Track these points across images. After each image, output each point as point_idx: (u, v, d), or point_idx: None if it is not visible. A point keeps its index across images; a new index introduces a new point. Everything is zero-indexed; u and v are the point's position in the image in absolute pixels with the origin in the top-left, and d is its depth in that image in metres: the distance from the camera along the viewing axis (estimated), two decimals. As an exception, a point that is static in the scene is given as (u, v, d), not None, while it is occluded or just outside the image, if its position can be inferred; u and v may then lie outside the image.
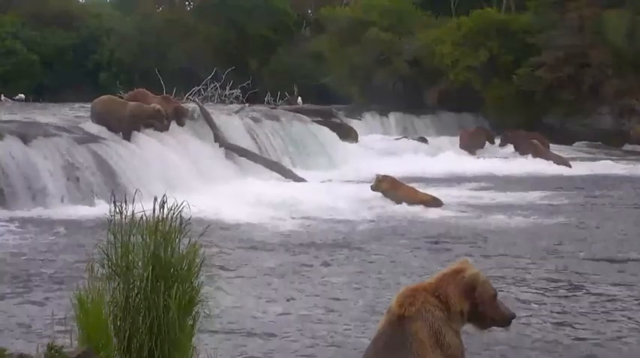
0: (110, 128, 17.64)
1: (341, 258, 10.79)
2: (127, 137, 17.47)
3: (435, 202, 15.41)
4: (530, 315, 7.94)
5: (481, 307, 4.37)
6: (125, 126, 17.51)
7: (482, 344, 6.71)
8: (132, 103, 18.20)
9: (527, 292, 8.90)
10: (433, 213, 14.69)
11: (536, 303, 8.43)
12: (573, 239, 12.27)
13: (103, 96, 18.99)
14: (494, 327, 4.60)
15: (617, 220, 14.36)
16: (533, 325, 7.63)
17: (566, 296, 8.77)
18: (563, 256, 10.89)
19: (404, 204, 15.33)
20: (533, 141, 27.10)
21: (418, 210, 14.89)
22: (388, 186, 15.98)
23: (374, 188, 16.25)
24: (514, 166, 24.64)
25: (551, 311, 8.17)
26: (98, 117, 17.94)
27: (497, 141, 30.70)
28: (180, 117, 19.41)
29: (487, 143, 30.53)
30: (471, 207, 15.39)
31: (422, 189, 16.67)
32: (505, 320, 4.51)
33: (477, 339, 5.77)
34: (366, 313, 7.94)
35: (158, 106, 18.09)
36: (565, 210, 15.41)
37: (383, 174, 16.43)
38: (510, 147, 29.17)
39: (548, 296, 8.76)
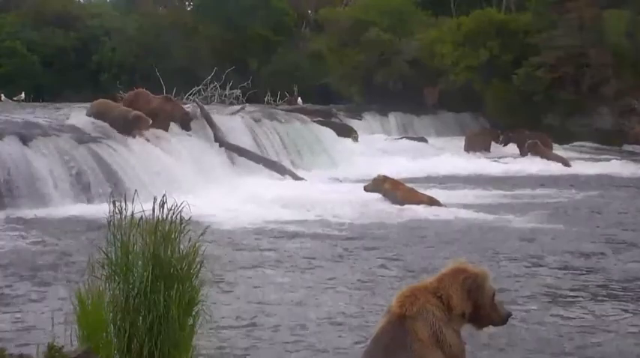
0: None
1: (343, 258, 10.79)
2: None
3: (433, 202, 15.39)
4: (527, 314, 7.94)
5: (482, 307, 4.38)
6: (115, 128, 17.58)
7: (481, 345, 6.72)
8: (121, 108, 18.16)
9: (523, 292, 8.89)
10: (431, 213, 14.67)
11: (532, 304, 8.42)
12: (573, 239, 12.26)
13: (100, 100, 19.34)
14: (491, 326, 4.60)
15: (617, 220, 14.37)
16: (528, 327, 7.63)
17: (565, 296, 8.77)
18: (561, 256, 10.88)
19: (403, 204, 15.30)
20: (534, 142, 27.09)
21: (417, 209, 14.87)
22: (388, 187, 15.96)
23: (370, 188, 16.15)
24: (514, 166, 24.66)
25: (551, 312, 8.17)
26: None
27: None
28: (186, 122, 19.45)
29: (492, 143, 30.53)
30: (469, 207, 15.36)
31: (422, 189, 16.67)
32: (503, 319, 4.52)
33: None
34: (365, 313, 7.94)
35: (139, 113, 17.86)
36: (565, 210, 15.42)
37: (382, 174, 16.40)
38: (512, 147, 29.19)
39: (545, 298, 8.75)
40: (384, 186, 15.98)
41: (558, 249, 11.42)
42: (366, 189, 16.23)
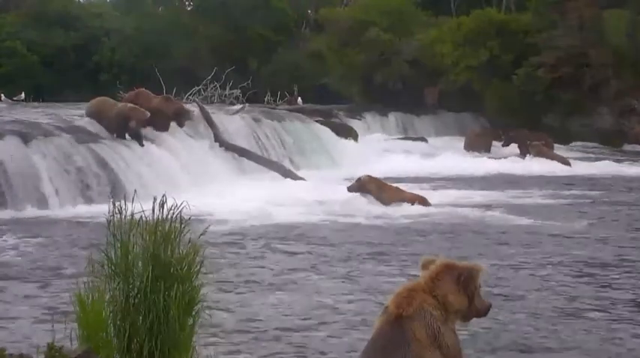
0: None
1: (343, 258, 10.79)
2: (119, 136, 17.54)
3: (422, 201, 15.33)
4: (528, 315, 7.95)
5: (474, 301, 4.38)
6: (113, 127, 17.59)
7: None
8: (120, 105, 18.21)
9: (523, 293, 8.89)
10: (421, 212, 14.63)
11: (533, 304, 8.42)
12: (571, 239, 12.26)
13: (99, 98, 19.33)
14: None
15: (617, 220, 14.38)
16: (529, 328, 7.63)
17: (567, 295, 8.77)
18: (562, 256, 10.88)
19: (390, 204, 15.19)
20: (534, 141, 27.09)
21: (408, 209, 14.84)
22: (373, 187, 15.75)
23: (355, 188, 15.78)
24: (514, 166, 24.65)
25: (552, 312, 8.17)
26: (90, 117, 18.28)
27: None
28: (179, 118, 19.35)
29: (493, 143, 30.52)
30: (462, 207, 15.29)
31: (423, 189, 16.65)
32: (487, 310, 4.53)
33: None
34: (361, 314, 7.93)
35: (134, 105, 17.84)
36: (565, 210, 15.41)
37: (367, 174, 16.19)
38: (513, 147, 29.19)
39: (547, 298, 8.75)
40: (369, 187, 15.77)
41: (559, 248, 11.42)
42: (349, 189, 15.82)
